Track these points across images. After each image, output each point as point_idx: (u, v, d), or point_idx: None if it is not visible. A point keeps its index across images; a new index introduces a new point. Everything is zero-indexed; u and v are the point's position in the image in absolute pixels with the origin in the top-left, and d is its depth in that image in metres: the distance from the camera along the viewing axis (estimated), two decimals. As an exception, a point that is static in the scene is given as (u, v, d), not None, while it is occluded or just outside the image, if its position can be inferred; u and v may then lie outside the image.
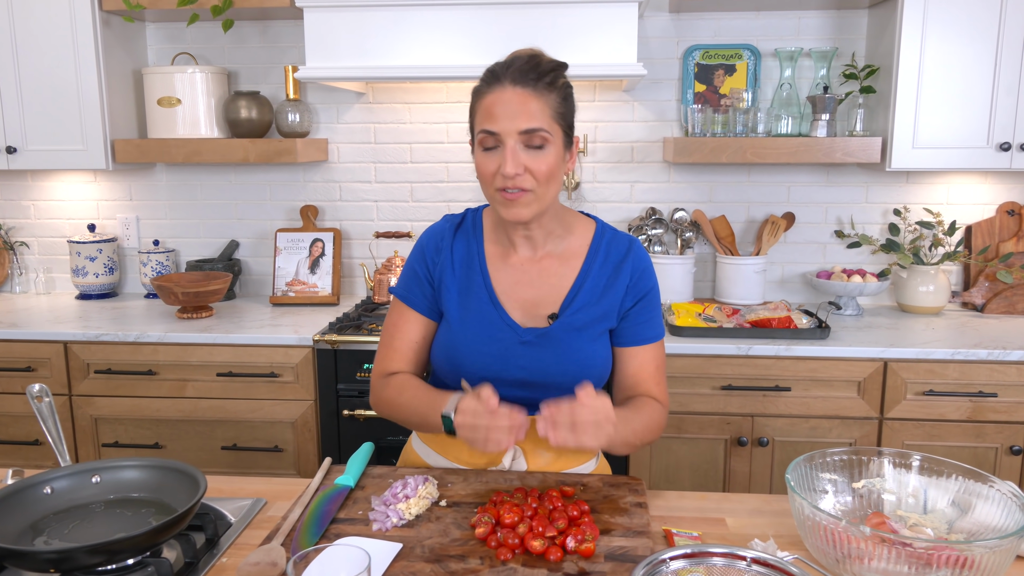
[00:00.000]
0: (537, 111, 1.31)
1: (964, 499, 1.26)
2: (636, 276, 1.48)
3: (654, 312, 1.51)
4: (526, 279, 1.47)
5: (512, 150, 1.32)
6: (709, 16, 2.87)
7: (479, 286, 1.47)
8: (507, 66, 1.35)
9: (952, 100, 2.53)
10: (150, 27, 3.07)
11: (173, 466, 1.30)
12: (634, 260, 1.49)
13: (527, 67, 1.33)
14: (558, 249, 1.48)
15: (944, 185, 2.90)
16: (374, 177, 3.08)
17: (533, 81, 1.32)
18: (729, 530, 1.30)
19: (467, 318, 1.46)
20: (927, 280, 2.78)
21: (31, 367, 2.63)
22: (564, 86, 1.37)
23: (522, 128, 1.31)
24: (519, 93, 1.32)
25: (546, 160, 1.33)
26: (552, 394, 1.41)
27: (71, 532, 1.20)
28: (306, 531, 1.21)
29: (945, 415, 2.40)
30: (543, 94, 1.33)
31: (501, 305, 1.46)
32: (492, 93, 1.34)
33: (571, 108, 1.39)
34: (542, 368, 1.43)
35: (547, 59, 1.37)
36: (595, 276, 1.47)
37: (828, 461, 1.30)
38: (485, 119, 1.34)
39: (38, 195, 3.21)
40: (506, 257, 1.49)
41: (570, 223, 1.51)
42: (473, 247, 1.49)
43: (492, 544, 1.17)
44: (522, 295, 1.46)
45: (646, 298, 1.49)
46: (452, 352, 1.46)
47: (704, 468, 2.50)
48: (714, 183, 2.98)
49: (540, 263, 1.48)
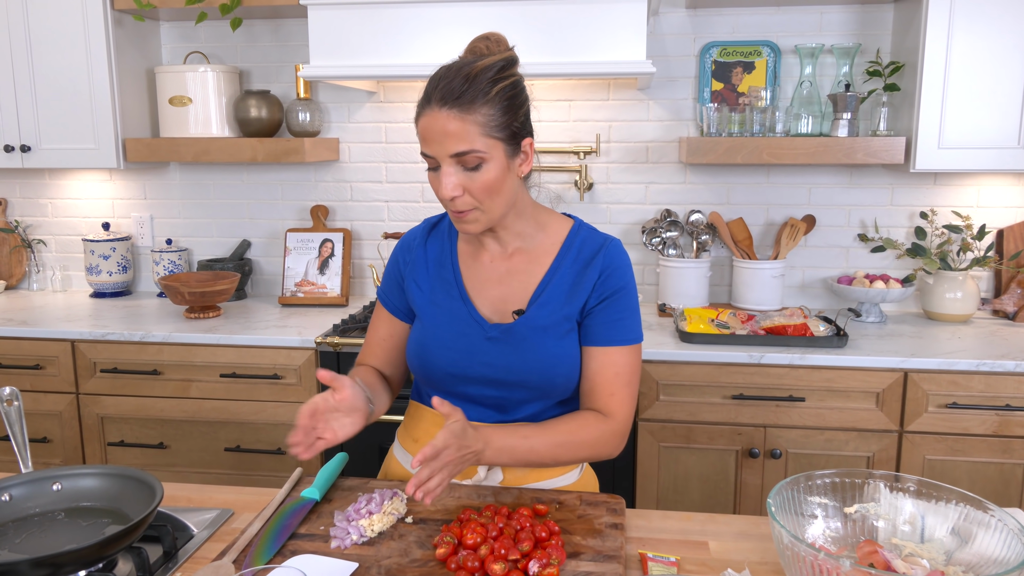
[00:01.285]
0: (466, 133, 1.26)
1: (965, 528, 1.17)
2: (605, 274, 1.42)
3: (623, 314, 1.42)
4: (495, 276, 1.45)
5: (447, 173, 1.29)
6: (727, 12, 2.78)
7: (450, 283, 1.46)
8: (436, 83, 1.28)
9: (981, 98, 2.41)
10: (164, 26, 3.07)
11: (133, 475, 1.27)
12: (604, 257, 1.42)
13: (454, 84, 1.26)
14: (529, 246, 1.45)
15: (974, 187, 2.77)
16: (385, 177, 3.04)
17: (460, 100, 1.25)
18: (711, 555, 1.23)
19: (437, 314, 1.45)
20: (955, 286, 2.66)
21: (39, 365, 2.64)
22: (503, 92, 1.29)
23: (452, 152, 1.27)
24: (446, 116, 1.26)
25: (484, 179, 1.30)
26: (517, 394, 1.41)
27: (23, 542, 1.18)
28: (262, 547, 1.16)
29: (969, 429, 2.28)
30: (473, 111, 1.26)
31: (471, 301, 1.44)
32: (424, 116, 1.29)
33: (515, 112, 1.32)
34: (506, 365, 1.40)
35: (483, 65, 1.28)
36: (563, 274, 1.43)
37: (817, 484, 1.22)
38: (422, 142, 1.31)
39: (55, 193, 3.23)
40: (477, 255, 1.47)
41: (544, 221, 1.47)
42: (446, 246, 1.49)
43: (452, 566, 1.12)
44: (491, 292, 1.45)
45: (613, 297, 1.41)
46: (421, 348, 1.45)
47: (714, 480, 2.41)
48: (731, 184, 2.88)
49: (510, 260, 1.45)
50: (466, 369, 1.41)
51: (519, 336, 1.40)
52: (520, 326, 1.40)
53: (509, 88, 1.30)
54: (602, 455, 1.40)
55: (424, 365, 1.45)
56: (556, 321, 1.41)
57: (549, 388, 1.42)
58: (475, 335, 1.41)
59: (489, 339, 1.41)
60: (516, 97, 1.32)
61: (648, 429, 2.40)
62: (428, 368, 1.44)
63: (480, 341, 1.41)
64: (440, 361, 1.43)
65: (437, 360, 1.43)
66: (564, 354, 1.41)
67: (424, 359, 1.44)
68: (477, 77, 1.26)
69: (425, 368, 1.45)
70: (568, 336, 1.42)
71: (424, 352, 1.44)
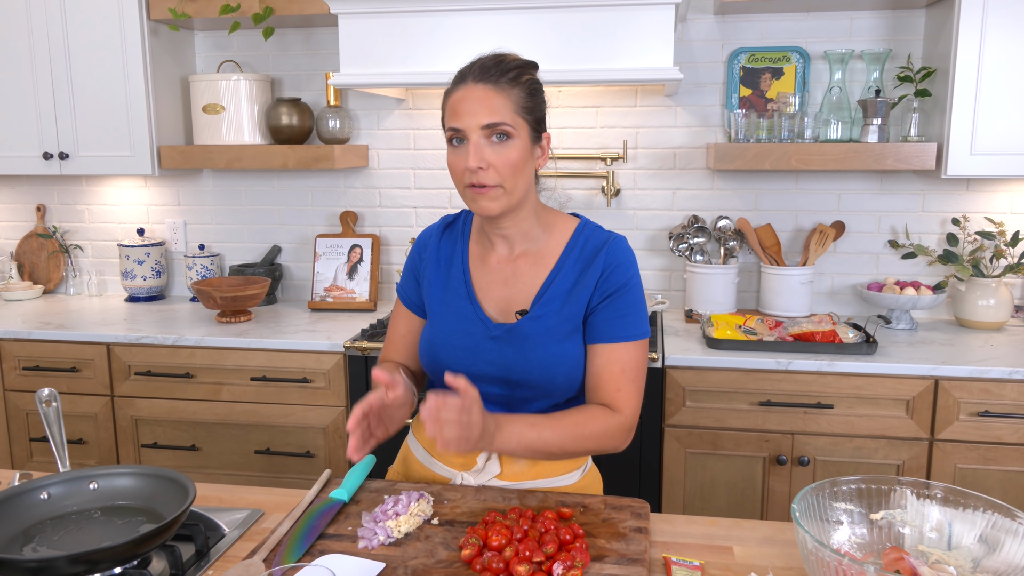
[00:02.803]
0: (499, 106, 1.34)
1: (992, 535, 1.16)
2: (608, 271, 1.43)
3: (627, 310, 1.43)
4: (501, 278, 1.49)
5: (476, 144, 1.34)
6: (756, 18, 2.78)
7: (459, 282, 1.50)
8: (471, 65, 1.39)
9: (1013, 103, 2.39)
10: (198, 35, 3.13)
11: (167, 475, 1.30)
12: (607, 254, 1.44)
13: (489, 64, 1.37)
14: (535, 248, 1.48)
15: (1007, 193, 2.74)
16: (413, 183, 3.07)
17: (495, 77, 1.36)
18: (735, 560, 1.23)
19: (446, 312, 1.49)
20: (987, 293, 2.63)
21: (76, 368, 2.70)
22: (529, 82, 1.40)
23: (484, 123, 1.34)
24: (481, 89, 1.35)
25: (509, 153, 1.35)
26: (521, 392, 1.44)
27: (60, 540, 1.21)
28: (291, 546, 1.19)
29: (1002, 438, 2.26)
30: (505, 89, 1.36)
31: (478, 301, 1.48)
32: (457, 92, 1.38)
33: (539, 104, 1.42)
34: (508, 364, 1.43)
35: (512, 57, 1.40)
36: (566, 274, 1.45)
37: (843, 490, 1.22)
38: (451, 117, 1.37)
39: (92, 200, 3.30)
40: (485, 257, 1.51)
41: (550, 223, 1.50)
42: (458, 246, 1.54)
43: (477, 567, 1.13)
44: (497, 293, 1.48)
45: (616, 294, 1.43)
46: (430, 345, 1.50)
47: (741, 487, 2.40)
48: (759, 191, 2.87)
49: (515, 262, 1.48)
50: (471, 367, 1.45)
51: (521, 336, 1.43)
52: (522, 326, 1.43)
53: (534, 81, 1.42)
54: (608, 448, 1.41)
55: (433, 361, 1.50)
56: (559, 321, 1.43)
57: (551, 387, 1.44)
58: (480, 334, 1.46)
59: (493, 338, 1.44)
60: (538, 92, 1.43)
61: (675, 435, 2.40)
62: (436, 365, 1.49)
63: (485, 340, 1.45)
64: (447, 358, 1.47)
65: (445, 357, 1.48)
66: (566, 354, 1.43)
67: (433, 355, 1.49)
68: (508, 63, 1.38)
69: (434, 364, 1.50)
70: (571, 337, 1.44)
71: (433, 349, 1.49)
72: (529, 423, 1.35)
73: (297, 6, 2.70)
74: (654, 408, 2.38)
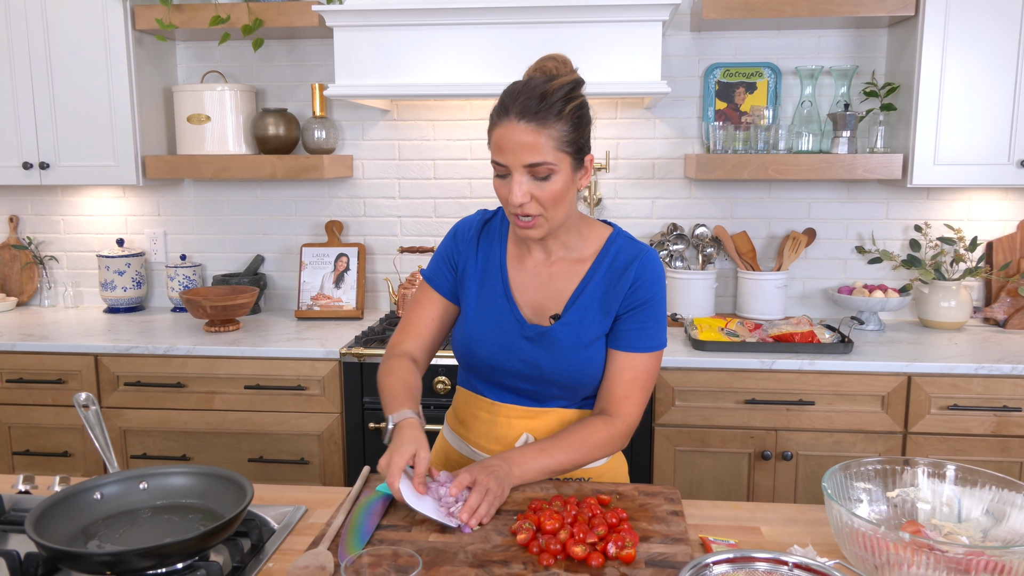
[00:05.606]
0: (541, 145, 1.36)
1: (998, 508, 1.27)
2: (637, 284, 1.51)
3: (648, 323, 1.51)
4: (537, 281, 1.56)
5: (518, 181, 1.39)
6: (730, 35, 2.91)
7: (496, 280, 1.56)
8: (515, 96, 1.38)
9: (973, 117, 2.56)
10: (180, 46, 3.13)
11: (219, 473, 1.33)
12: (639, 268, 1.52)
13: (533, 100, 1.36)
14: (571, 255, 1.56)
15: (964, 201, 2.92)
16: (398, 193, 3.12)
17: (537, 115, 1.36)
18: (764, 538, 1.32)
19: (482, 309, 1.56)
20: (949, 296, 2.80)
21: (62, 379, 2.67)
22: (573, 111, 1.39)
23: (526, 163, 1.38)
24: (523, 129, 1.36)
25: (552, 189, 1.40)
26: (550, 390, 1.53)
27: (122, 536, 1.23)
28: (352, 537, 1.23)
29: (969, 429, 2.41)
30: (548, 127, 1.36)
31: (514, 301, 1.55)
32: (501, 127, 1.39)
33: (583, 129, 1.42)
34: (539, 364, 1.51)
35: (557, 85, 1.38)
36: (597, 281, 1.53)
37: (863, 471, 1.32)
38: (496, 151, 1.41)
39: (67, 210, 3.27)
40: (523, 259, 1.58)
41: (586, 232, 1.57)
42: (496, 245, 1.59)
43: (534, 550, 1.20)
44: (533, 295, 1.55)
45: (641, 307, 1.51)
46: (467, 339, 1.56)
47: (728, 482, 2.51)
48: (735, 199, 3.01)
49: (552, 267, 1.56)
50: (504, 363, 1.53)
51: (553, 339, 1.50)
52: (555, 330, 1.51)
53: (579, 108, 1.41)
54: (612, 452, 1.53)
55: (468, 355, 1.57)
56: (588, 327, 1.51)
57: (577, 387, 1.53)
58: (515, 333, 1.53)
59: (527, 338, 1.52)
60: (584, 116, 1.43)
61: (664, 434, 2.49)
62: (472, 358, 1.57)
63: (519, 339, 1.52)
64: (483, 353, 1.54)
65: (480, 352, 1.55)
66: (592, 359, 1.51)
67: (469, 350, 1.56)
68: (552, 95, 1.37)
69: (469, 358, 1.57)
70: (599, 342, 1.52)
71: (470, 344, 1.56)
72: (539, 449, 1.45)
73: (287, 18, 2.74)
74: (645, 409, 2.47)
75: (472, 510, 1.28)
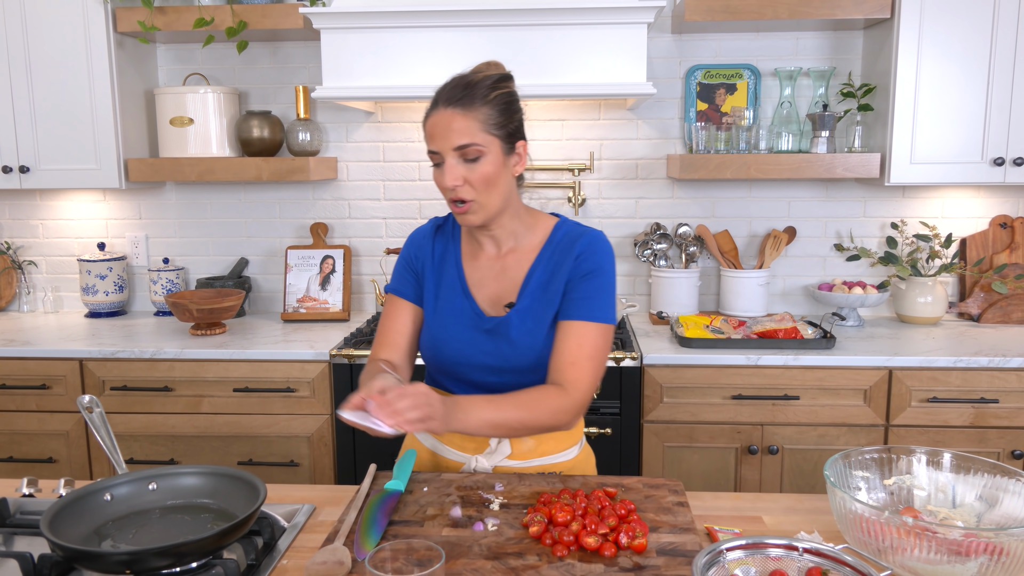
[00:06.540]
0: (467, 128, 1.44)
1: (991, 494, 1.32)
2: (582, 257, 1.54)
3: (594, 294, 1.53)
4: (492, 274, 1.60)
5: (450, 165, 1.46)
6: (710, 37, 2.96)
7: (453, 279, 1.61)
8: (443, 90, 1.49)
9: (947, 117, 2.63)
10: (160, 48, 3.11)
11: (229, 473, 1.34)
12: (583, 242, 1.55)
13: (456, 88, 1.47)
14: (520, 246, 1.60)
15: (939, 199, 2.99)
16: (383, 195, 3.13)
17: (463, 100, 1.45)
18: (767, 527, 1.35)
19: (443, 308, 1.60)
20: (925, 291, 2.87)
21: (46, 384, 2.64)
22: (500, 97, 1.48)
23: (455, 145, 1.45)
24: (450, 114, 1.45)
25: (482, 171, 1.46)
26: (515, 378, 1.55)
27: (135, 536, 1.23)
28: (366, 533, 1.25)
29: (949, 421, 2.47)
30: (475, 110, 1.45)
31: (472, 296, 1.59)
32: (431, 116, 1.48)
33: (511, 117, 1.50)
34: (501, 354, 1.55)
35: (483, 76, 1.48)
36: (544, 266, 1.56)
37: (862, 459, 1.36)
38: (428, 140, 1.49)
39: (46, 214, 3.23)
40: (476, 255, 1.62)
41: (532, 222, 1.62)
42: (450, 246, 1.64)
43: (547, 542, 1.22)
44: (489, 289, 1.60)
45: (587, 277, 1.53)
46: (432, 339, 1.60)
47: (715, 477, 2.55)
48: (716, 199, 3.05)
49: (503, 259, 1.60)
50: (470, 358, 1.57)
51: (510, 327, 1.54)
52: (511, 318, 1.55)
53: (506, 95, 1.50)
54: (558, 426, 1.49)
55: (435, 355, 1.60)
56: (543, 309, 1.55)
57: (541, 370, 1.55)
58: (475, 328, 1.57)
59: (486, 331, 1.56)
60: (512, 104, 1.52)
61: (653, 431, 2.53)
62: (439, 358, 1.60)
63: (480, 332, 1.57)
64: (448, 351, 1.58)
65: (446, 350, 1.58)
66: (551, 342, 1.54)
67: (435, 350, 1.60)
68: (478, 84, 1.47)
69: (437, 358, 1.61)
70: (554, 323, 1.56)
71: (435, 343, 1.60)
72: (488, 401, 1.43)
73: (271, 20, 2.74)
74: (633, 405, 2.51)
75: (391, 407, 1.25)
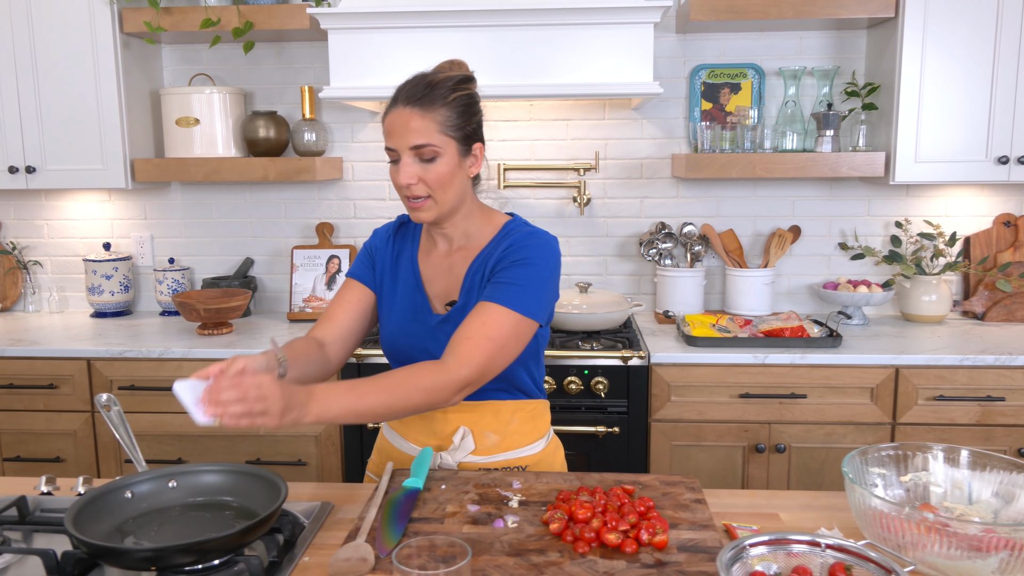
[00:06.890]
0: (424, 128, 1.44)
1: (1007, 490, 1.33)
2: (512, 247, 1.52)
3: (513, 280, 1.47)
4: (441, 272, 1.62)
5: (406, 163, 1.47)
6: (714, 37, 2.97)
7: (409, 274, 1.63)
8: (403, 88, 1.49)
9: (952, 116, 2.64)
10: (166, 48, 3.11)
11: (248, 471, 1.34)
12: (517, 236, 1.54)
13: (417, 87, 1.47)
14: (470, 244, 1.61)
15: (943, 198, 3.01)
16: (388, 195, 3.13)
17: (422, 100, 1.45)
18: (784, 524, 1.36)
19: (399, 303, 1.62)
20: (930, 290, 2.88)
21: (53, 384, 2.64)
22: (460, 99, 1.48)
23: (411, 144, 1.45)
24: (407, 113, 1.45)
25: (437, 171, 1.47)
26: None
27: (156, 533, 1.24)
28: (387, 530, 1.25)
29: (955, 419, 2.48)
30: (433, 111, 1.45)
31: (425, 292, 1.61)
32: (390, 113, 1.48)
33: (470, 119, 1.50)
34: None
35: (445, 76, 1.48)
36: (482, 263, 1.56)
37: (879, 456, 1.37)
38: (386, 137, 1.50)
39: (51, 215, 3.23)
40: (430, 252, 1.64)
41: (484, 221, 1.62)
42: (409, 243, 1.66)
43: (568, 538, 1.22)
44: (439, 285, 1.61)
45: (513, 264, 1.49)
46: (389, 334, 1.62)
47: (723, 475, 2.56)
48: (721, 198, 3.06)
49: (451, 257, 1.61)
50: (424, 353, 1.57)
51: (454, 323, 1.54)
52: (452, 316, 1.56)
53: (465, 98, 1.49)
54: (435, 404, 1.40)
55: (394, 350, 1.63)
56: None
57: None
58: (425, 321, 1.59)
59: (433, 326, 1.58)
60: (471, 106, 1.51)
61: (660, 429, 2.54)
62: (397, 353, 1.62)
63: (428, 328, 1.59)
64: (404, 345, 1.60)
65: (401, 344, 1.61)
66: None
67: (393, 345, 1.62)
68: (439, 84, 1.47)
69: (396, 353, 1.63)
70: None
71: (392, 338, 1.62)
72: (347, 387, 1.33)
73: (277, 20, 2.74)
74: (641, 404, 2.52)
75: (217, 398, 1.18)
